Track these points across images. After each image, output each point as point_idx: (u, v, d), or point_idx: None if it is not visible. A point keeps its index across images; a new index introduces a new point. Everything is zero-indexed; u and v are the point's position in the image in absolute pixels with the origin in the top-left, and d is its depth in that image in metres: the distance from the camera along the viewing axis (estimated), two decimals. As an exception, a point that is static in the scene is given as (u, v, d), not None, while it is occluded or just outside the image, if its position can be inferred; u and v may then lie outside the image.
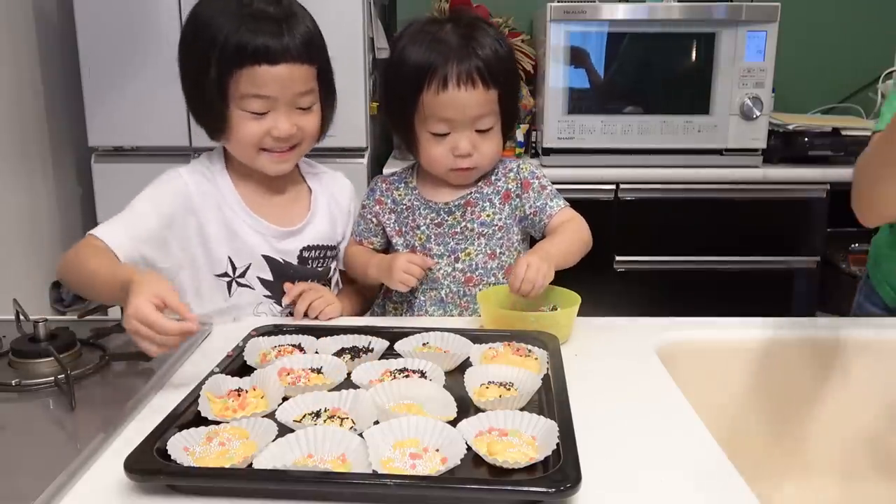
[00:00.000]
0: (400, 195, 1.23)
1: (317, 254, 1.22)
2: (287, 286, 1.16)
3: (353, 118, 2.02)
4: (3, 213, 2.03)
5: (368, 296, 1.30)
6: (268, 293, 1.19)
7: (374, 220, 1.24)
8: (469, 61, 1.10)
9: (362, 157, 2.07)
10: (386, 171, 2.10)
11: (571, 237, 1.13)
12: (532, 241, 1.21)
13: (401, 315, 1.23)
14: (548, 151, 2.18)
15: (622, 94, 2.21)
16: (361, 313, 1.28)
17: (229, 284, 1.17)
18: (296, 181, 1.25)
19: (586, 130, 2.17)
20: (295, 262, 1.20)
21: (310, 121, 1.13)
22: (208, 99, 1.09)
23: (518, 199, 1.20)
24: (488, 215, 1.19)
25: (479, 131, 1.14)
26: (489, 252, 1.18)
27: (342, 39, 1.96)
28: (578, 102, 2.17)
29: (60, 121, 2.25)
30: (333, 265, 1.27)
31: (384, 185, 1.25)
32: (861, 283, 1.35)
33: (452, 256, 1.19)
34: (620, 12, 2.11)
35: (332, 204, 1.26)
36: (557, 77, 2.14)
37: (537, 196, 1.18)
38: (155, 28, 1.99)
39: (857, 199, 1.10)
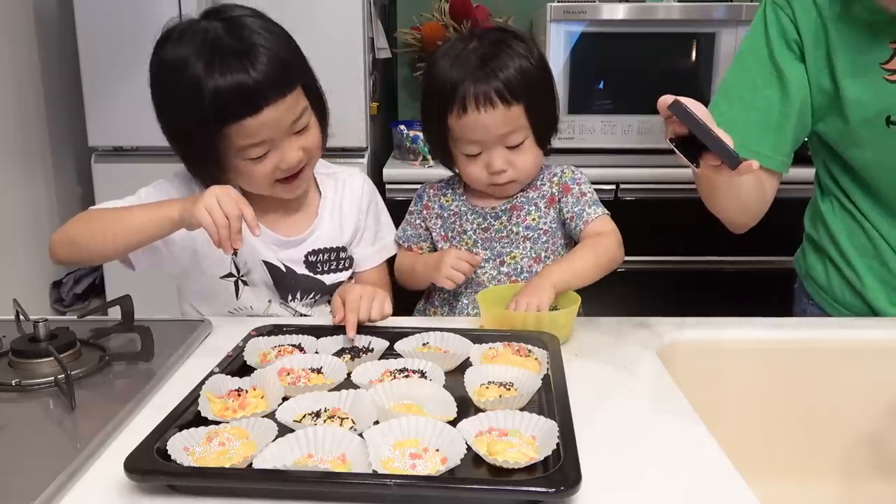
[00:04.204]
0: (447, 201, 1.24)
1: (325, 256, 1.21)
2: (335, 306, 1.04)
3: (353, 118, 2.02)
4: (3, 213, 2.04)
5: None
6: (272, 292, 1.19)
7: (422, 224, 1.25)
8: (486, 82, 1.09)
9: (362, 156, 2.07)
10: (386, 171, 2.10)
11: (587, 260, 1.09)
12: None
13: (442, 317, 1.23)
14: (548, 151, 2.18)
15: (622, 94, 2.21)
16: None
17: (236, 284, 1.17)
18: (307, 190, 1.23)
19: (586, 130, 2.17)
20: (301, 268, 1.18)
21: (311, 139, 1.11)
22: (203, 157, 1.07)
23: (559, 204, 1.20)
24: (534, 219, 1.19)
25: (510, 147, 1.13)
26: (534, 256, 1.19)
27: (342, 39, 1.96)
28: (578, 102, 2.17)
29: (60, 121, 2.25)
30: (346, 275, 1.23)
31: (432, 191, 1.27)
32: (797, 292, 1.32)
33: (498, 260, 1.19)
34: (620, 12, 2.11)
35: (338, 207, 1.24)
36: (557, 77, 2.12)
37: (575, 201, 1.18)
38: (155, 28, 1.97)
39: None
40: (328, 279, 1.21)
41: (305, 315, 1.20)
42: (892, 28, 1.04)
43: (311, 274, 1.20)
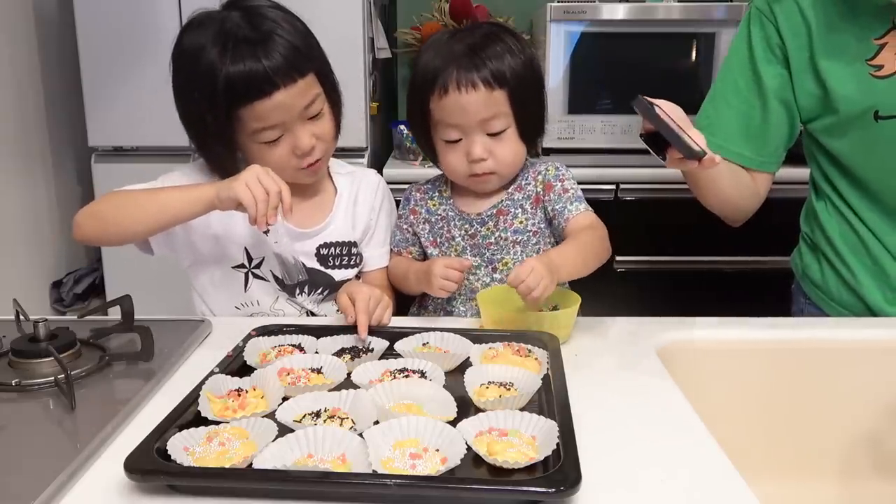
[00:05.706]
0: (434, 205, 1.22)
1: (336, 251, 1.21)
2: (344, 305, 1.01)
3: (353, 118, 2.02)
4: (3, 213, 2.04)
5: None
6: (279, 288, 1.19)
7: (409, 229, 1.24)
8: (471, 67, 1.08)
9: (362, 156, 2.07)
10: (386, 171, 2.10)
11: (584, 249, 1.07)
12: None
13: None
14: (548, 151, 2.18)
15: (622, 94, 2.20)
16: None
17: (246, 276, 1.18)
18: (323, 184, 1.25)
19: (586, 130, 2.17)
20: (312, 261, 1.19)
21: (324, 127, 1.14)
22: (218, 142, 1.10)
23: (544, 202, 1.18)
24: (521, 222, 1.17)
25: (491, 135, 1.12)
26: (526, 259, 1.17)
27: (342, 39, 1.96)
28: (578, 102, 2.17)
29: (60, 121, 2.26)
30: (354, 273, 1.23)
31: (418, 194, 1.25)
32: (794, 291, 1.32)
33: (490, 267, 1.18)
34: (620, 12, 2.11)
35: (352, 202, 1.25)
36: (557, 77, 2.13)
37: (557, 198, 1.16)
38: (155, 28, 1.99)
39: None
40: (338, 274, 1.21)
41: (312, 312, 1.20)
42: (877, 24, 1.06)
43: (322, 268, 1.20)
